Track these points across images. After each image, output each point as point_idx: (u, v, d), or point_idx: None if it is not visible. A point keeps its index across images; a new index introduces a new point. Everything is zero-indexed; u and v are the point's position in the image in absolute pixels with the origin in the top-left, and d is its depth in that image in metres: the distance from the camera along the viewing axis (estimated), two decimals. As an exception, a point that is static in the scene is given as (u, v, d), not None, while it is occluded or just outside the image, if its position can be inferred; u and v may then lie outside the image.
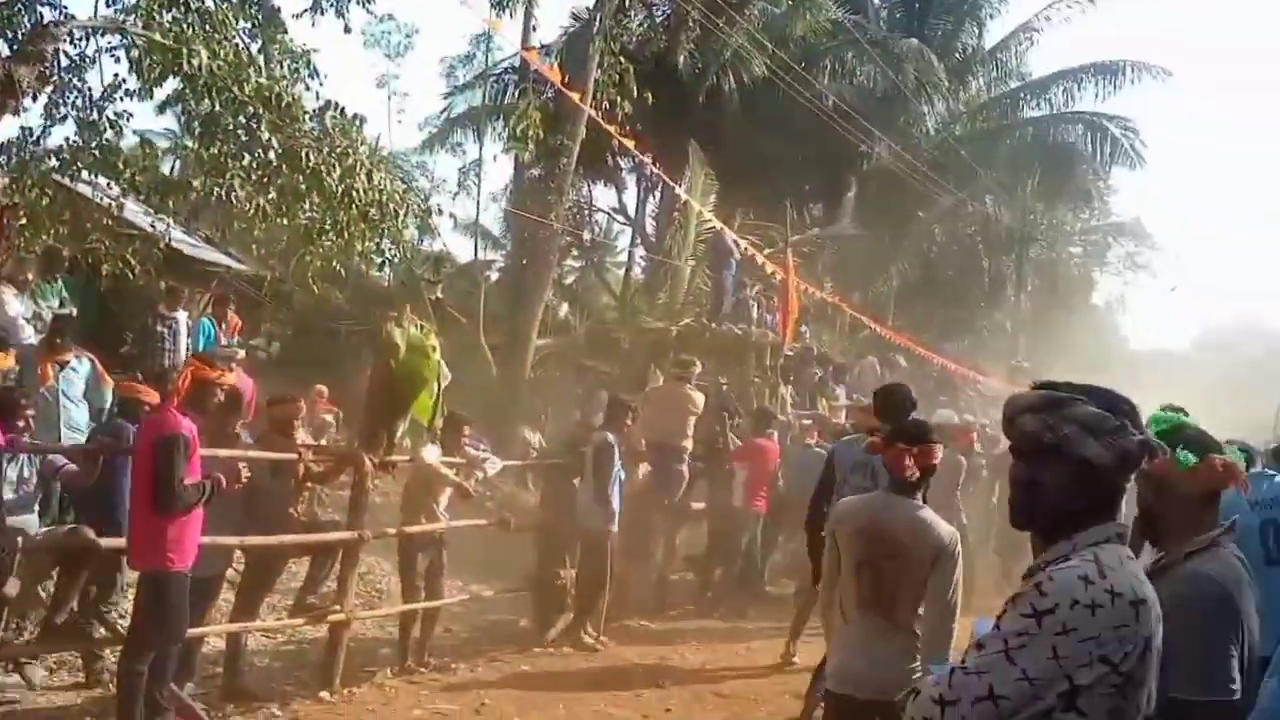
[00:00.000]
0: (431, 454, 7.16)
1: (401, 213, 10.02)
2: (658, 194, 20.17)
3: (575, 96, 12.28)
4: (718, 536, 9.58)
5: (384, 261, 10.81)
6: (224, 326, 10.04)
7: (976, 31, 23.47)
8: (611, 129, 12.41)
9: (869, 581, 3.62)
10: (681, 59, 18.10)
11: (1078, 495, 1.87)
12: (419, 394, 6.98)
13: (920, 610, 3.62)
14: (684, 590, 9.81)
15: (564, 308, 20.27)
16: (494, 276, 20.22)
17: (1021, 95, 23.20)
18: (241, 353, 8.95)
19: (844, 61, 19.59)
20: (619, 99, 13.67)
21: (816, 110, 17.75)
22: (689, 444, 9.23)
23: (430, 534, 7.15)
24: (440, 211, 13.01)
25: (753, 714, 6.54)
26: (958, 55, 22.76)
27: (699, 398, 9.39)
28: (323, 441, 8.97)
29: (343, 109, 9.40)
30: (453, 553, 7.66)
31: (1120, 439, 1.85)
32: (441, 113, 22.22)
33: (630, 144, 13.40)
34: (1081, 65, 22.26)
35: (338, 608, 6.46)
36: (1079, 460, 1.85)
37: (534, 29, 16.23)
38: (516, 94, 16.73)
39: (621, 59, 14.17)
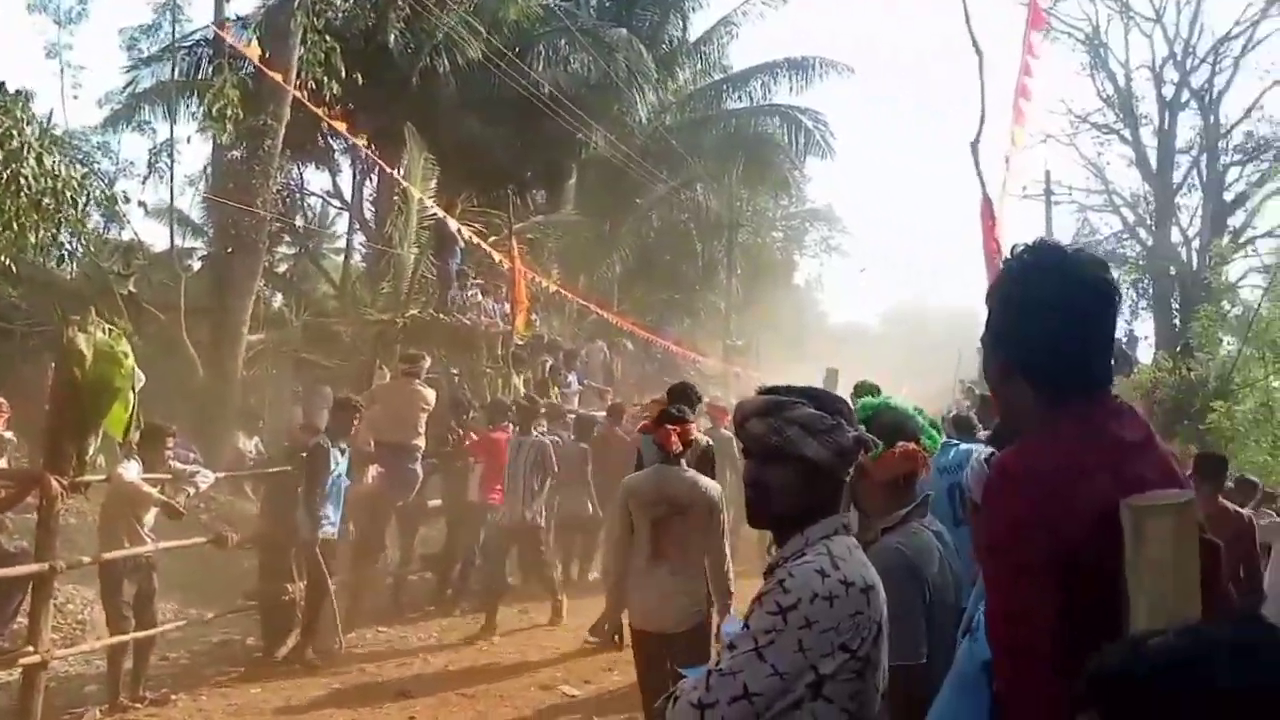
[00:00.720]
0: (130, 471, 6.47)
1: (81, 200, 9.00)
2: (375, 178, 19.42)
3: (278, 76, 11.51)
4: (455, 533, 9.39)
5: (63, 255, 9.66)
6: None
7: (681, 24, 24.31)
8: (319, 110, 11.75)
9: (660, 538, 4.55)
10: (392, 38, 17.46)
11: (803, 492, 1.98)
12: (111, 406, 6.25)
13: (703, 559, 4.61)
14: (424, 591, 9.53)
15: (278, 298, 19.07)
16: (195, 266, 18.66)
17: (724, 87, 24.30)
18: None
19: (557, 48, 19.72)
20: (326, 78, 12.97)
21: (532, 96, 17.76)
22: (421, 442, 8.94)
23: (136, 558, 6.47)
24: (128, 199, 11.82)
25: (499, 712, 6.45)
26: (665, 46, 23.49)
27: (430, 394, 9.12)
28: (1, 462, 7.86)
29: (2, 84, 8.30)
30: (167, 574, 7.02)
31: (837, 436, 1.97)
32: (125, 88, 20.10)
33: (341, 126, 12.78)
34: (776, 60, 23.60)
35: (30, 648, 5.70)
36: (801, 459, 1.96)
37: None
38: (211, 69, 15.46)
39: (326, 36, 13.43)
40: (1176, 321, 22.75)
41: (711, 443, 6.15)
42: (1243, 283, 23.79)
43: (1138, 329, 24.60)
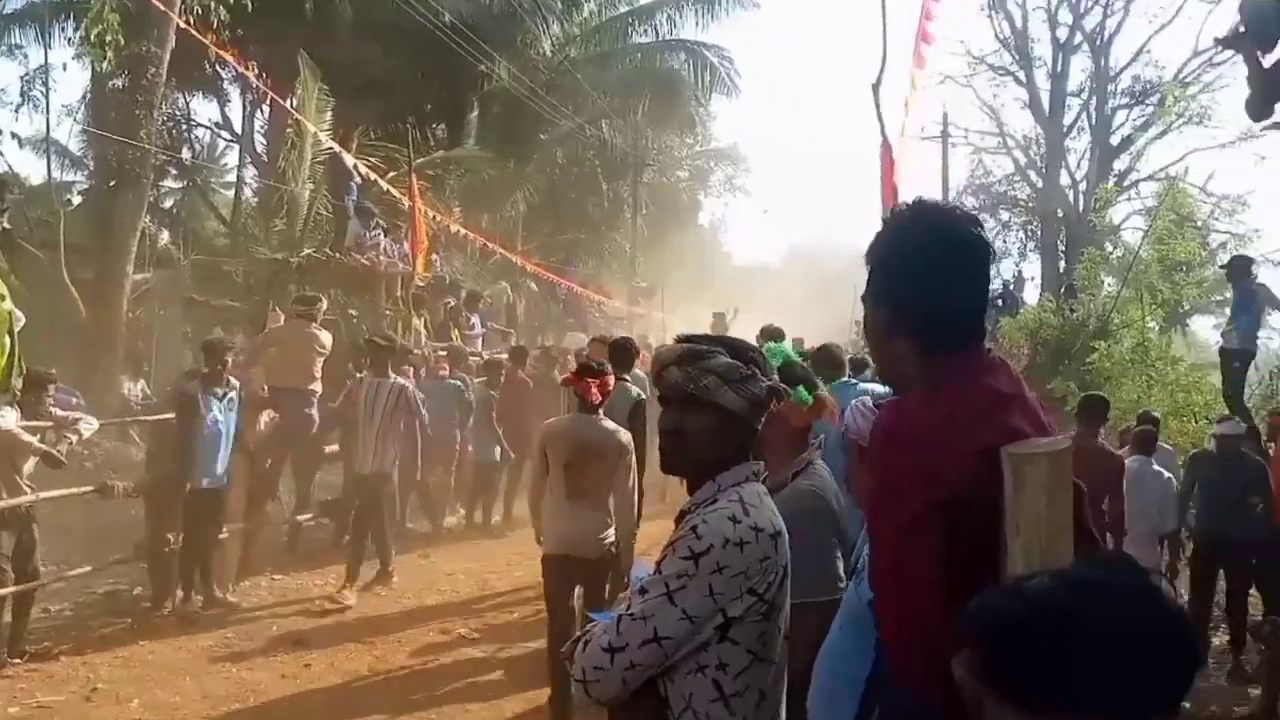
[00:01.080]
0: (7, 419, 6.18)
1: (-56, 131, 8.43)
2: (267, 109, 18.60)
3: (159, 1, 10.88)
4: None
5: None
6: None
7: (584, -49, 23.78)
8: (205, 39, 11.15)
9: (576, 477, 5.04)
10: (284, -39, 16.62)
11: (718, 440, 2.02)
12: (-14, 350, 5.96)
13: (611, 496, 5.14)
14: (321, 538, 9.40)
15: (165, 235, 18.26)
16: (75, 201, 17.71)
17: (630, 21, 23.84)
18: None
19: (459, -26, 19.07)
20: (212, 3, 12.31)
21: (433, 25, 17.19)
22: (317, 386, 8.74)
23: (14, 509, 6.20)
24: (-1, 130, 11.06)
25: (395, 657, 6.44)
26: (569, -25, 22.96)
27: (326, 337, 8.89)
28: None
29: None
30: (49, 525, 6.77)
31: (751, 386, 2.00)
32: (-8, 9, 18.70)
33: (229, 54, 12.18)
34: (681, -8, 23.33)
35: (-104, 608, 5.45)
36: (717, 408, 1.99)
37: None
38: (88, -9, 14.50)
39: (214, -42, 12.71)
40: (1063, 263, 23.58)
41: (643, 395, 6.44)
42: (1125, 225, 24.76)
43: (1025, 270, 25.46)
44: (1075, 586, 1.16)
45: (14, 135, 14.52)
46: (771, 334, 7.94)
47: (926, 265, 1.81)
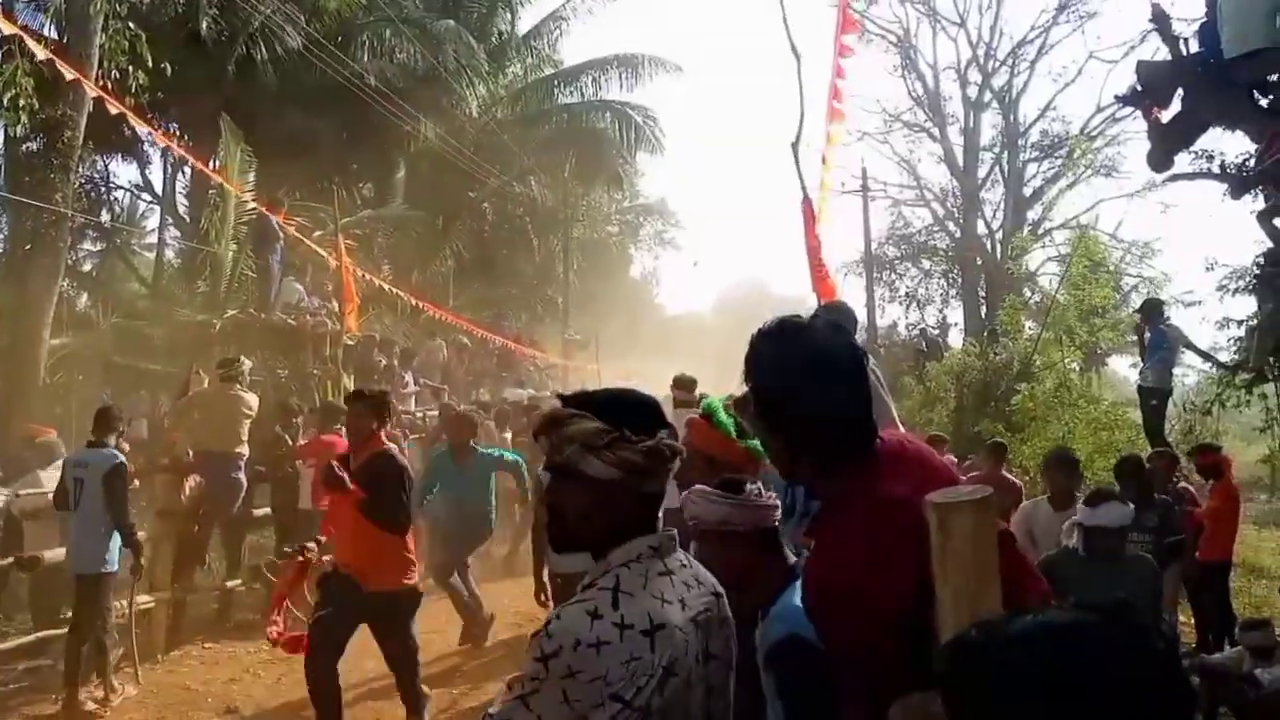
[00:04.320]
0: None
1: None
2: (189, 170, 18.39)
3: (76, 66, 10.71)
4: (286, 541, 9.03)
5: None
6: None
7: (510, 17, 24.09)
8: (121, 107, 10.95)
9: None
10: (205, 25, 16.55)
11: (595, 513, 1.80)
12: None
13: None
14: (253, 603, 9.14)
15: (84, 298, 17.84)
16: (-14, 267, 17.19)
17: (555, 82, 24.22)
18: None
19: (383, 39, 19.22)
20: (131, 69, 12.18)
21: (357, 88, 17.24)
22: (244, 449, 8.56)
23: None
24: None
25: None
26: (494, 39, 23.22)
27: (252, 399, 8.74)
28: None
29: None
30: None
31: (619, 451, 1.76)
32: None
33: (145, 122, 11.97)
34: (606, 57, 23.77)
35: None
36: (586, 478, 1.77)
37: (20, -21, 13.94)
38: (1, 55, 14.25)
39: (130, 24, 12.61)
40: (984, 309, 24.31)
41: None
42: (1041, 271, 25.71)
43: (949, 316, 26.23)
44: (1065, 632, 1.12)
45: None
46: (683, 384, 8.00)
47: (792, 387, 1.88)
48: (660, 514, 1.89)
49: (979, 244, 25.94)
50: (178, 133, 15.69)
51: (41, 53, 9.14)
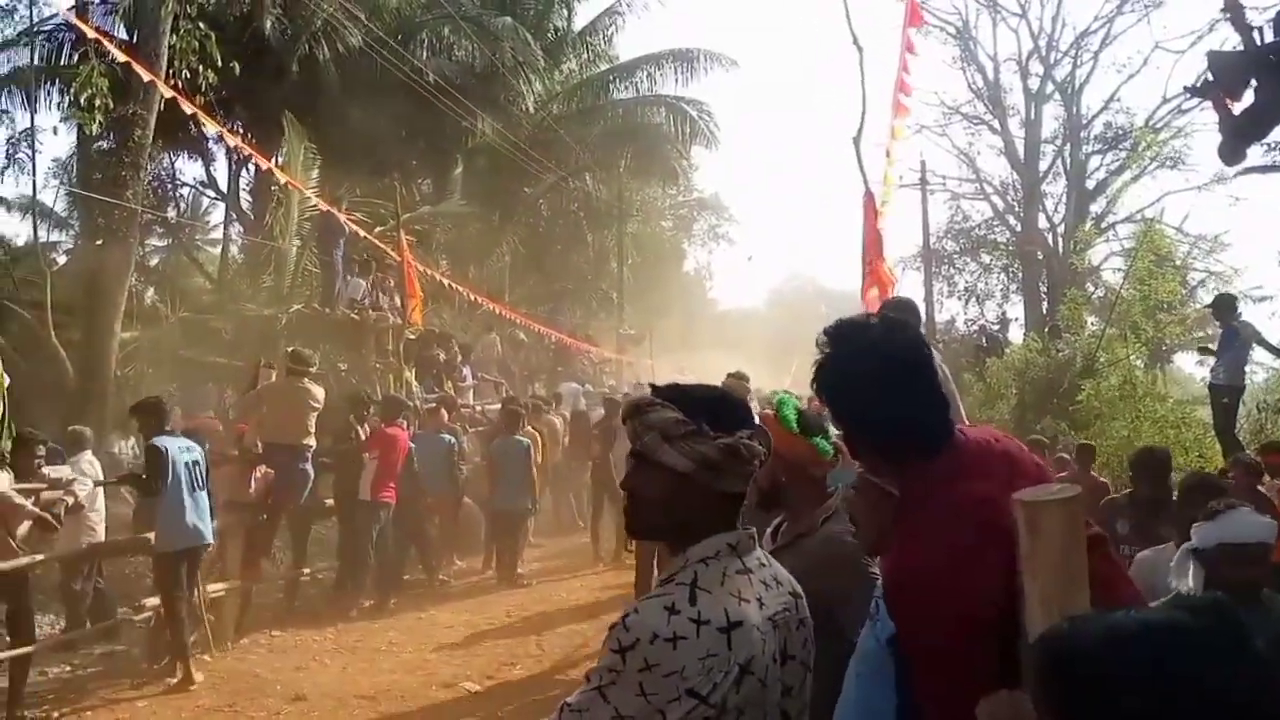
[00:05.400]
0: (1, 482, 6.15)
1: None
2: (253, 167, 18.75)
3: (148, 66, 10.98)
4: (347, 531, 9.22)
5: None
6: None
7: (566, 13, 24.25)
8: (192, 106, 11.21)
9: None
10: (269, 24, 16.89)
11: (671, 504, 1.80)
12: (-21, 412, 5.96)
13: None
14: (319, 593, 9.35)
15: (149, 293, 18.28)
16: (60, 261, 17.72)
17: (611, 78, 24.30)
18: None
19: (441, 36, 19.43)
20: (201, 68, 12.45)
21: (417, 85, 17.45)
22: (312, 441, 8.73)
23: (9, 574, 6.15)
24: (-11, 193, 11.11)
25: (399, 713, 6.38)
26: (550, 35, 23.37)
27: (319, 392, 8.90)
28: None
29: None
30: (43, 585, 6.73)
31: (696, 444, 1.77)
32: (-23, 74, 18.88)
33: (214, 121, 12.25)
34: (662, 52, 23.75)
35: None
36: (663, 468, 1.78)
37: (92, -17, 14.34)
38: (76, 56, 14.67)
39: (200, 24, 12.89)
40: (1045, 304, 23.88)
41: None
42: (1105, 266, 25.18)
43: (1009, 311, 25.81)
44: (1161, 630, 1.10)
45: (1, 199, 14.56)
46: (737, 379, 7.98)
47: (853, 387, 1.92)
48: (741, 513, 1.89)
49: (1040, 238, 25.46)
50: (242, 130, 16.03)
51: (120, 55, 9.37)
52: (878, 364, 1.90)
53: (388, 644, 7.95)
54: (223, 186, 21.07)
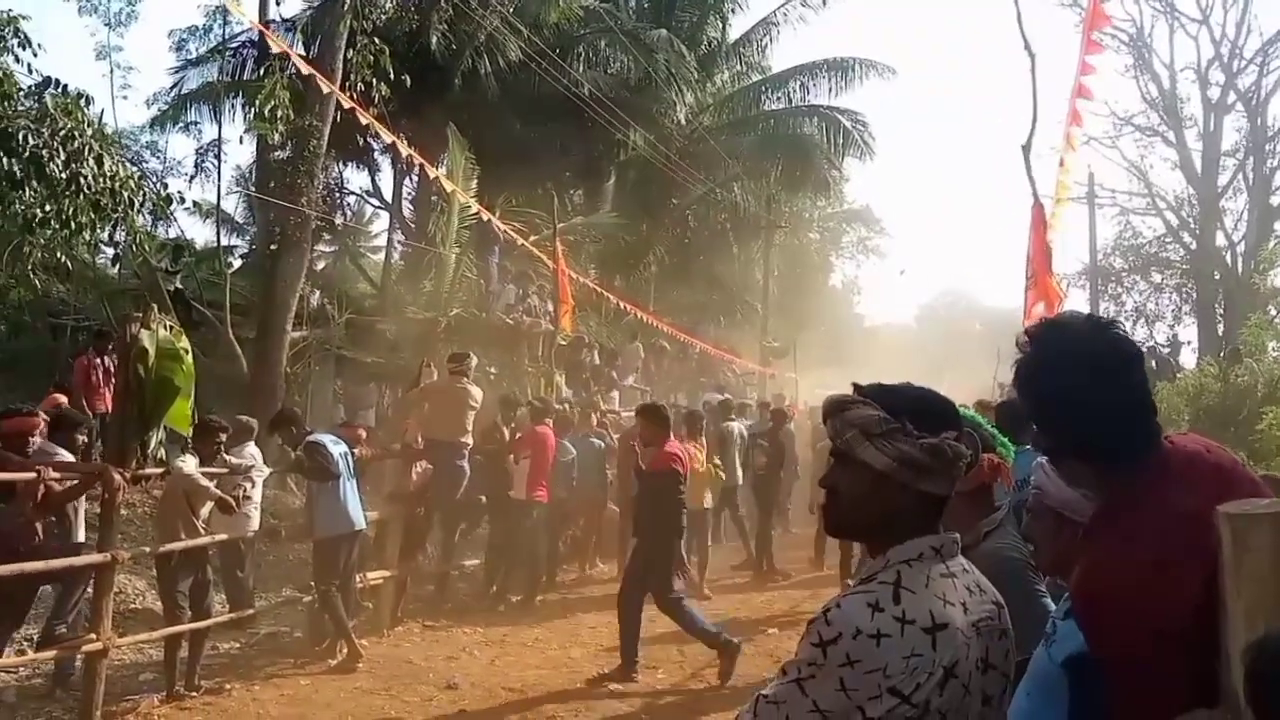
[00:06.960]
0: (189, 465, 6.59)
1: (138, 201, 9.20)
2: (414, 177, 19.60)
3: (327, 79, 11.62)
4: (498, 529, 9.48)
5: (117, 254, 9.86)
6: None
7: (720, 25, 24.35)
8: (369, 116, 11.80)
9: None
10: (435, 39, 17.63)
11: (870, 503, 1.78)
12: (172, 401, 6.39)
13: None
14: (469, 587, 9.64)
15: (316, 295, 19.29)
16: (236, 264, 18.93)
17: (763, 89, 24.27)
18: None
19: (598, 50, 19.84)
20: (374, 81, 13.09)
21: (573, 97, 17.85)
22: (469, 439, 9.04)
23: (191, 550, 6.59)
24: (182, 199, 11.99)
25: (547, 706, 6.49)
26: (704, 47, 23.52)
27: (477, 392, 9.22)
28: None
29: (65, 86, 8.48)
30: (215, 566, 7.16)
31: (896, 442, 1.74)
32: (172, 88, 20.48)
33: (387, 131, 12.85)
34: (816, 61, 23.60)
35: (93, 635, 5.83)
36: (863, 466, 1.76)
37: (276, 1, 15.30)
38: (260, 71, 15.67)
39: (375, 39, 13.57)
40: (1222, 327, 22.42)
41: None
42: (1290, 287, 23.42)
43: (1180, 334, 24.35)
44: None
45: (195, 203, 15.62)
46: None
47: (1052, 387, 1.85)
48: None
49: (1218, 256, 23.94)
50: (407, 142, 16.77)
51: (304, 67, 9.93)
52: (1084, 360, 1.83)
53: (534, 640, 8.12)
54: (386, 196, 22.11)
